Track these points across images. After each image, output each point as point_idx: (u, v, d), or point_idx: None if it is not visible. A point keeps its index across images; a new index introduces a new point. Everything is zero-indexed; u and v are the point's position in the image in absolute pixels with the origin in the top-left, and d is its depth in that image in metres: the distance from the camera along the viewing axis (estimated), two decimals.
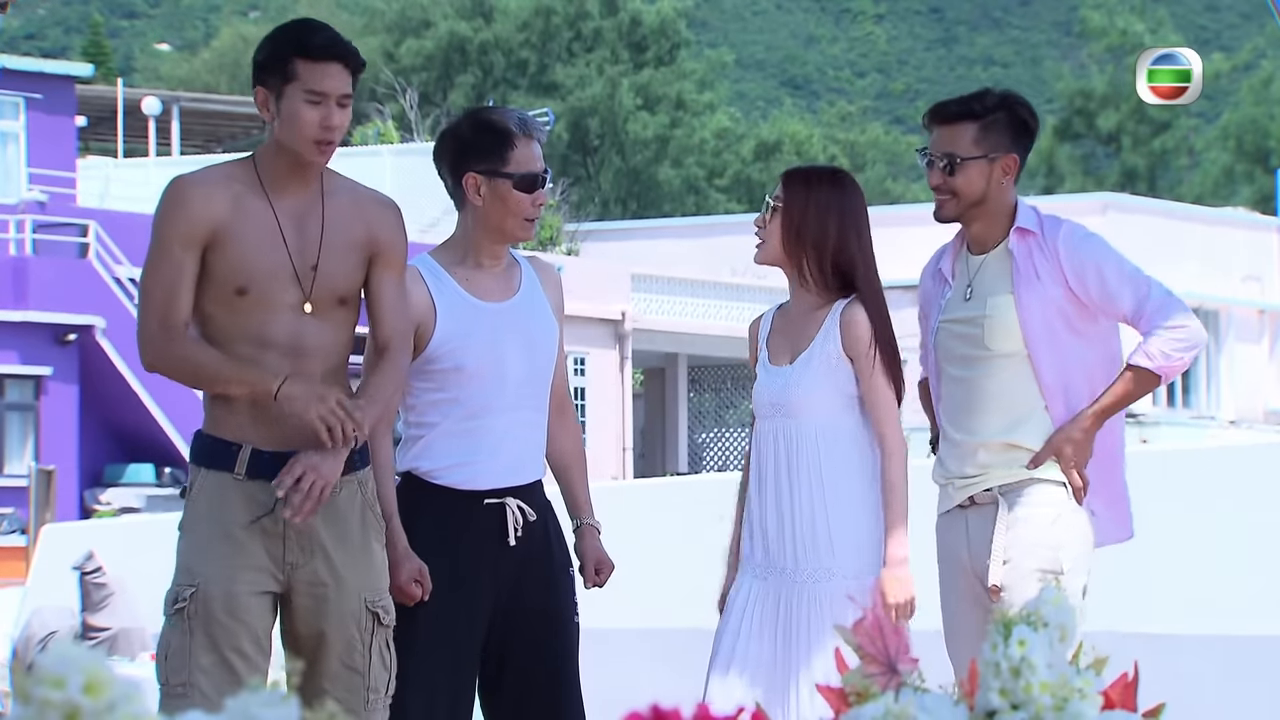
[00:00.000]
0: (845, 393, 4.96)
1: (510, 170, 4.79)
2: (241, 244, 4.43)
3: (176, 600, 4.44)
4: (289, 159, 4.50)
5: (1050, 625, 2.32)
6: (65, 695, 1.78)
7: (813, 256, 4.98)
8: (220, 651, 4.39)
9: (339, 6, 71.99)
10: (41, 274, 28.57)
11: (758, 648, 4.90)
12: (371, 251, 4.58)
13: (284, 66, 4.46)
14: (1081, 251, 4.91)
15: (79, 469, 28.49)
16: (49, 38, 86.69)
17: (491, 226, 4.83)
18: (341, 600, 4.50)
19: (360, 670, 4.52)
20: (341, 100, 4.48)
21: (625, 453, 35.21)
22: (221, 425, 4.49)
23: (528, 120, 4.87)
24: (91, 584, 10.51)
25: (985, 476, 4.94)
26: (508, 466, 4.81)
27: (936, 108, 5.08)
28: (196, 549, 4.45)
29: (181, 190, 4.46)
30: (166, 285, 4.43)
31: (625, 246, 40.79)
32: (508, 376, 4.80)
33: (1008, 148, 4.97)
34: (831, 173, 5.18)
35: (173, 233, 4.43)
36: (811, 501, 4.91)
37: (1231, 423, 40.23)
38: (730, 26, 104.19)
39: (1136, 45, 59.09)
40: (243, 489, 4.45)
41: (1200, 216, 44.24)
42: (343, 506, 4.52)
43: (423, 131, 44.24)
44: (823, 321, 4.97)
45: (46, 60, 37.47)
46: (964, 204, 4.98)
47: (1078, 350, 4.92)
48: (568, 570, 4.94)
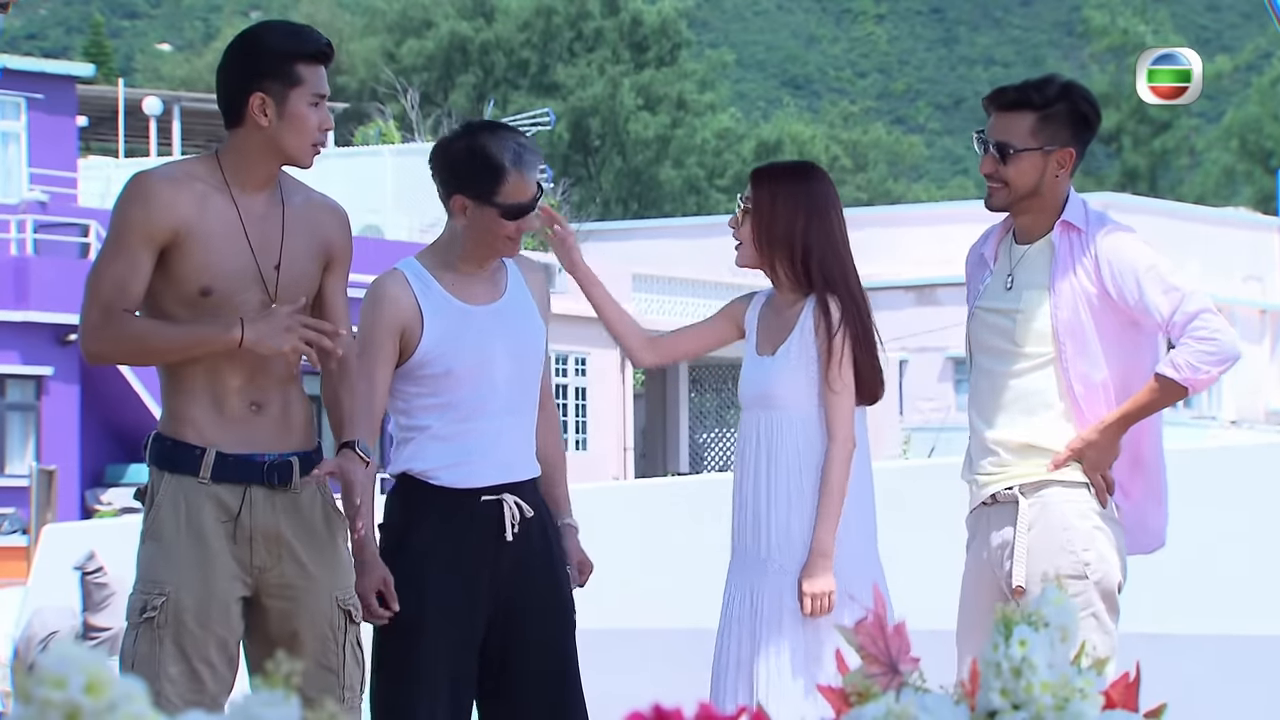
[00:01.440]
0: (821, 386, 4.97)
1: (499, 201, 4.77)
2: (206, 244, 4.39)
3: (145, 609, 4.38)
4: (271, 161, 4.47)
5: (1051, 625, 2.32)
6: (66, 695, 1.78)
7: (784, 254, 4.98)
8: (189, 661, 4.37)
9: (340, 6, 71.99)
10: (43, 274, 28.57)
11: (738, 641, 4.93)
12: (327, 256, 4.59)
13: (288, 71, 4.43)
14: (1120, 254, 4.82)
15: (80, 469, 28.50)
16: (50, 38, 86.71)
17: (475, 243, 4.82)
18: (313, 600, 4.49)
19: (335, 669, 4.52)
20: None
21: (626, 453, 35.22)
22: (183, 428, 4.44)
23: (523, 153, 4.80)
24: (93, 584, 10.51)
25: (1004, 474, 4.91)
26: (502, 464, 4.81)
27: (996, 92, 4.97)
28: (164, 556, 4.40)
29: (147, 187, 4.41)
30: (118, 279, 4.37)
31: (626, 246, 40.81)
32: (497, 379, 4.80)
33: (1065, 141, 4.87)
34: (797, 168, 5.19)
35: (134, 228, 4.38)
36: (788, 493, 4.93)
37: (1233, 423, 40.25)
38: (731, 26, 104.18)
39: (1138, 45, 59.07)
40: (208, 493, 4.42)
41: (1201, 216, 44.28)
42: (305, 506, 4.52)
43: (424, 131, 44.24)
44: (799, 315, 4.98)
45: (48, 60, 37.47)
46: (1015, 195, 4.89)
47: (1110, 354, 4.85)
48: (565, 567, 4.94)
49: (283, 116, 4.43)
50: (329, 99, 4.58)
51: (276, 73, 4.43)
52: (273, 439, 4.45)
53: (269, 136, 4.44)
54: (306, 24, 4.66)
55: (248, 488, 4.45)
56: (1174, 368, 4.75)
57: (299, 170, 4.56)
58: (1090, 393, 4.86)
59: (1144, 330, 4.89)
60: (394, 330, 4.77)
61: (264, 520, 4.45)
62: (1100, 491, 4.85)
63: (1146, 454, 4.99)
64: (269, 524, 4.45)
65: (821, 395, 4.95)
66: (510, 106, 57.28)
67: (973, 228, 5.55)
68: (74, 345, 28.33)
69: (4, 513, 24.44)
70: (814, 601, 4.84)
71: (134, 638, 4.41)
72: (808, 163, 5.32)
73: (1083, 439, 4.83)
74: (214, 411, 4.43)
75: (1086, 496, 4.84)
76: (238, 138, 4.47)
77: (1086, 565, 4.79)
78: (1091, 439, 4.82)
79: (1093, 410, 4.85)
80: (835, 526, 4.89)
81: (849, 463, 4.92)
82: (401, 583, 4.71)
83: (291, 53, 4.45)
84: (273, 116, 4.43)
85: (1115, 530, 4.88)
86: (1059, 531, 4.82)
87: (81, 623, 10.48)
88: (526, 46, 65.58)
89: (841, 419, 4.93)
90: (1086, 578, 4.77)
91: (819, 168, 5.20)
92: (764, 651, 4.86)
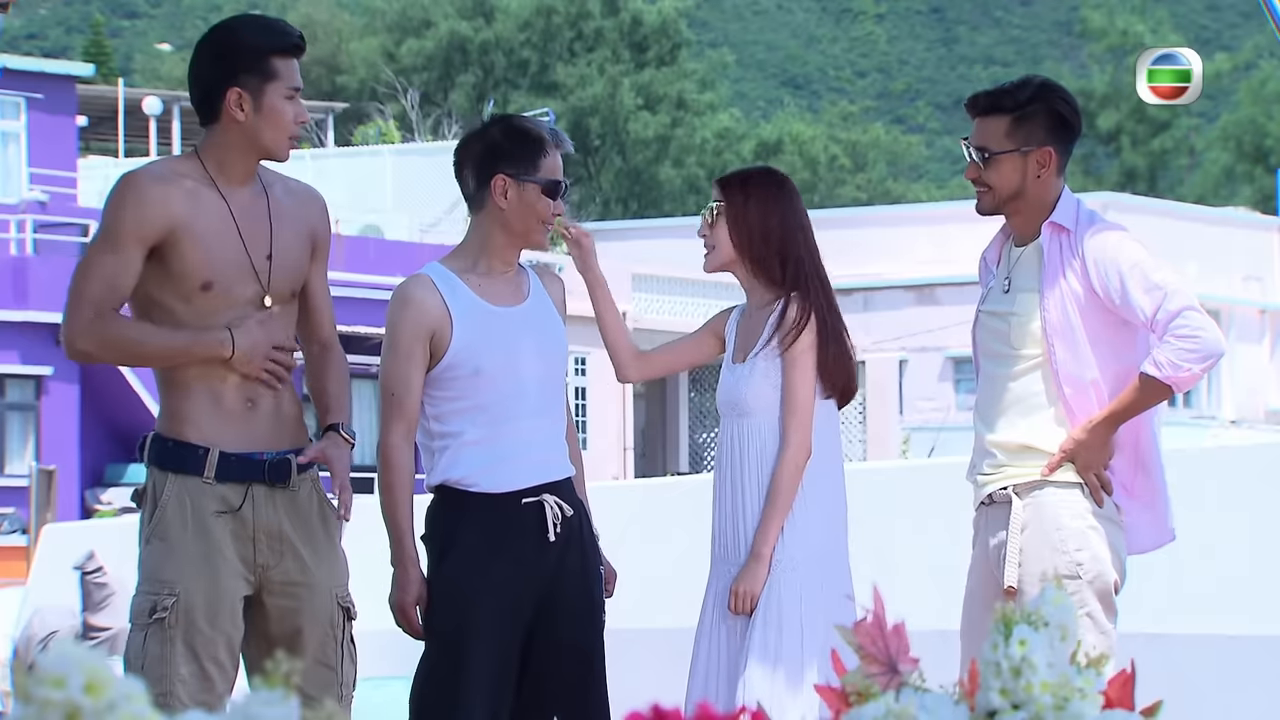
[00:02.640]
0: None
1: (541, 176, 4.83)
2: (203, 240, 4.41)
3: (154, 610, 4.38)
4: (250, 156, 4.49)
5: (1051, 625, 2.32)
6: (66, 695, 1.78)
7: (760, 254, 5.02)
8: (199, 662, 4.37)
9: (339, 6, 71.96)
10: (42, 274, 28.55)
11: (719, 642, 4.96)
12: (313, 244, 4.62)
13: (264, 65, 4.43)
14: (1105, 253, 4.83)
15: (80, 469, 28.49)
16: (50, 38, 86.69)
17: (512, 230, 4.85)
18: (315, 598, 4.50)
19: (334, 666, 4.53)
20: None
21: (626, 452, 35.21)
22: (184, 427, 4.45)
23: (559, 132, 4.95)
24: (92, 584, 10.51)
25: (1000, 475, 4.93)
26: (538, 465, 4.81)
27: (971, 99, 5.03)
28: (170, 557, 4.40)
29: (139, 186, 4.42)
30: (109, 277, 4.39)
31: (626, 246, 40.79)
32: (525, 380, 4.82)
33: (1042, 141, 4.90)
34: (763, 171, 5.25)
35: (127, 228, 4.39)
36: (759, 497, 4.96)
37: (1232, 422, 40.23)
38: (731, 26, 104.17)
39: (1137, 45, 59.08)
40: (213, 493, 4.43)
41: (1201, 216, 44.26)
42: (303, 505, 4.54)
43: (424, 131, 44.23)
44: (768, 319, 5.00)
45: (47, 60, 37.47)
46: (1000, 198, 4.93)
47: (1101, 354, 4.86)
48: (599, 568, 4.95)
49: (259, 111, 4.43)
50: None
51: (252, 68, 4.43)
52: (269, 436, 4.47)
53: (246, 131, 4.44)
54: (277, 17, 4.68)
55: (249, 486, 4.46)
56: (1156, 366, 4.76)
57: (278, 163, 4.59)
58: (1080, 393, 4.87)
59: (1135, 329, 4.89)
60: (424, 335, 4.77)
61: (266, 518, 4.46)
62: (1095, 491, 4.85)
63: (1146, 451, 4.99)
64: (271, 521, 4.47)
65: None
66: (510, 106, 57.27)
67: (972, 228, 5.57)
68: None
69: (4, 512, 24.43)
70: (739, 600, 4.88)
71: (143, 639, 4.39)
72: (770, 167, 5.40)
73: (1073, 439, 4.84)
74: (212, 408, 4.44)
75: (1080, 497, 4.85)
76: (215, 134, 4.48)
77: (1079, 565, 4.80)
78: (1081, 439, 4.83)
79: (1084, 410, 4.86)
80: (777, 532, 4.92)
81: (801, 470, 4.94)
82: (447, 593, 4.71)
83: (266, 47, 4.45)
84: (249, 111, 4.43)
85: (1111, 530, 4.88)
86: (1052, 532, 4.83)
87: (81, 622, 10.48)
88: (526, 46, 65.55)
89: (796, 424, 4.95)
90: (1080, 578, 4.78)
91: (781, 171, 5.28)
92: (753, 647, 4.87)
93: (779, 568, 4.91)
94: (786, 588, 4.90)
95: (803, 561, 4.93)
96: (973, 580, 5.04)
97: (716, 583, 5.02)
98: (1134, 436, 4.94)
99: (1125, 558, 4.90)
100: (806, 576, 4.92)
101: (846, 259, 33.06)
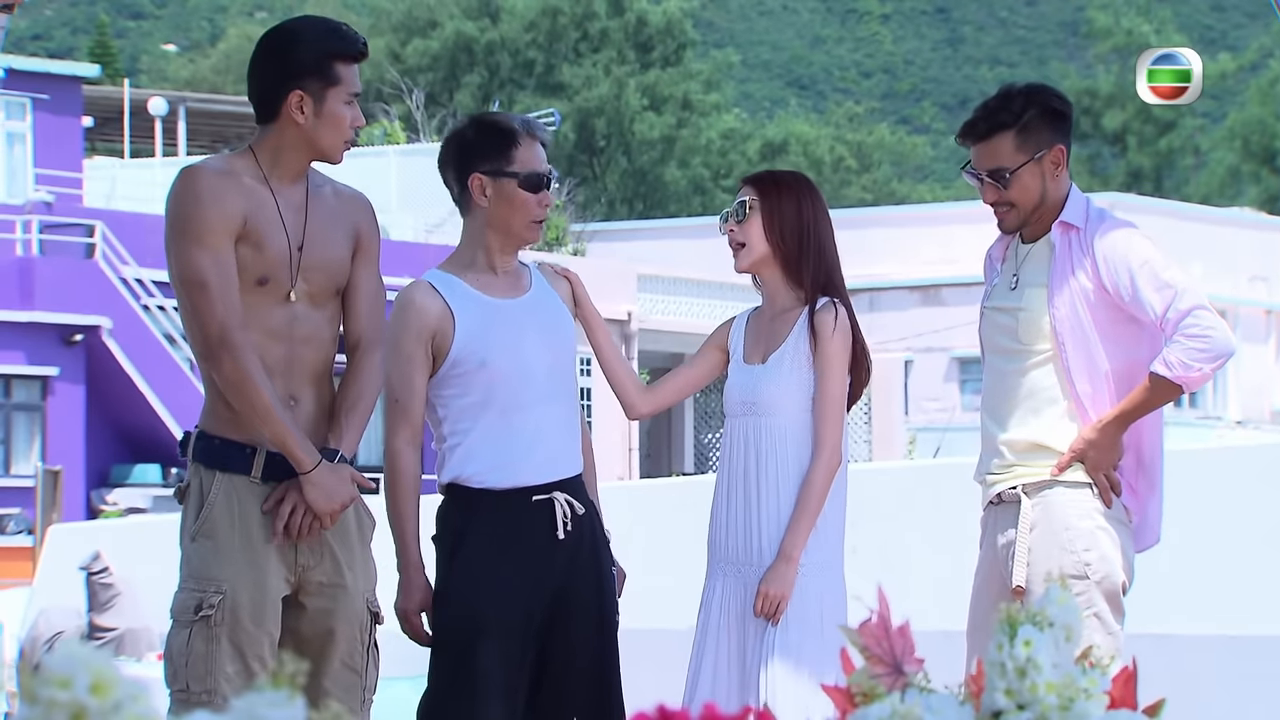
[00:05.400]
0: (813, 393, 4.97)
1: (515, 170, 4.80)
2: (264, 236, 4.42)
3: (200, 607, 4.36)
4: (304, 157, 4.49)
5: (1056, 625, 2.32)
6: (72, 695, 1.78)
7: (793, 253, 5.00)
8: (244, 660, 4.36)
9: (345, 6, 72.00)
10: (48, 274, 28.57)
11: (728, 643, 4.93)
12: (356, 244, 4.60)
13: (327, 69, 4.42)
14: (1115, 250, 4.83)
15: (85, 469, 28.49)
16: (55, 38, 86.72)
17: (498, 228, 4.84)
18: (349, 601, 4.51)
19: (359, 670, 4.53)
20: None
21: (631, 453, 35.18)
22: (230, 426, 4.44)
23: (531, 121, 4.88)
24: (98, 584, 10.52)
25: (1010, 474, 4.92)
26: (547, 461, 4.80)
27: (967, 127, 4.99)
28: (218, 555, 4.39)
29: (212, 181, 4.40)
30: (224, 279, 4.35)
31: (631, 246, 40.79)
32: (532, 369, 4.81)
33: (1049, 141, 4.91)
34: (792, 173, 5.24)
35: (214, 225, 4.36)
36: (778, 497, 4.94)
37: (1238, 423, 40.21)
38: (736, 27, 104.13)
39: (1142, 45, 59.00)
40: (258, 492, 4.43)
41: (1206, 217, 44.22)
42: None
43: (429, 132, 44.20)
44: (795, 321, 4.99)
45: (53, 61, 37.49)
46: (1025, 211, 4.93)
47: (1111, 350, 4.86)
48: (611, 567, 4.94)
49: (320, 115, 4.43)
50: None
51: (316, 71, 4.42)
52: (310, 435, 4.45)
53: (305, 133, 4.44)
54: (343, 21, 4.64)
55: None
56: (1166, 366, 4.75)
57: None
58: (1092, 389, 4.87)
59: (1144, 325, 4.89)
60: (425, 338, 4.77)
61: (307, 519, 4.45)
62: (1104, 491, 4.84)
63: (1149, 451, 4.99)
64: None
65: (813, 403, 4.96)
66: (515, 107, 57.27)
67: (978, 228, 5.57)
68: (79, 345, 28.35)
69: (10, 513, 24.43)
70: (768, 603, 4.85)
71: (187, 635, 4.37)
72: (797, 171, 5.39)
73: (1083, 439, 4.84)
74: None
75: (1090, 497, 4.84)
76: (272, 133, 4.47)
77: (1088, 565, 4.79)
78: (1091, 438, 4.83)
79: (1096, 406, 4.86)
80: (807, 536, 4.90)
81: (833, 475, 4.93)
82: (456, 601, 4.71)
83: (331, 52, 4.44)
84: (310, 114, 4.43)
85: (1120, 530, 4.87)
86: (1060, 531, 4.83)
87: (87, 623, 10.49)
88: (532, 47, 65.55)
89: (830, 429, 4.94)
90: (1088, 578, 4.77)
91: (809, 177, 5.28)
92: (768, 649, 4.86)
93: (804, 570, 4.90)
94: (812, 589, 4.89)
95: (827, 563, 4.93)
96: (979, 580, 5.03)
97: (721, 583, 5.00)
98: (1138, 437, 4.94)
99: (1134, 559, 4.90)
100: (832, 578, 4.92)
101: (852, 259, 32.83)
